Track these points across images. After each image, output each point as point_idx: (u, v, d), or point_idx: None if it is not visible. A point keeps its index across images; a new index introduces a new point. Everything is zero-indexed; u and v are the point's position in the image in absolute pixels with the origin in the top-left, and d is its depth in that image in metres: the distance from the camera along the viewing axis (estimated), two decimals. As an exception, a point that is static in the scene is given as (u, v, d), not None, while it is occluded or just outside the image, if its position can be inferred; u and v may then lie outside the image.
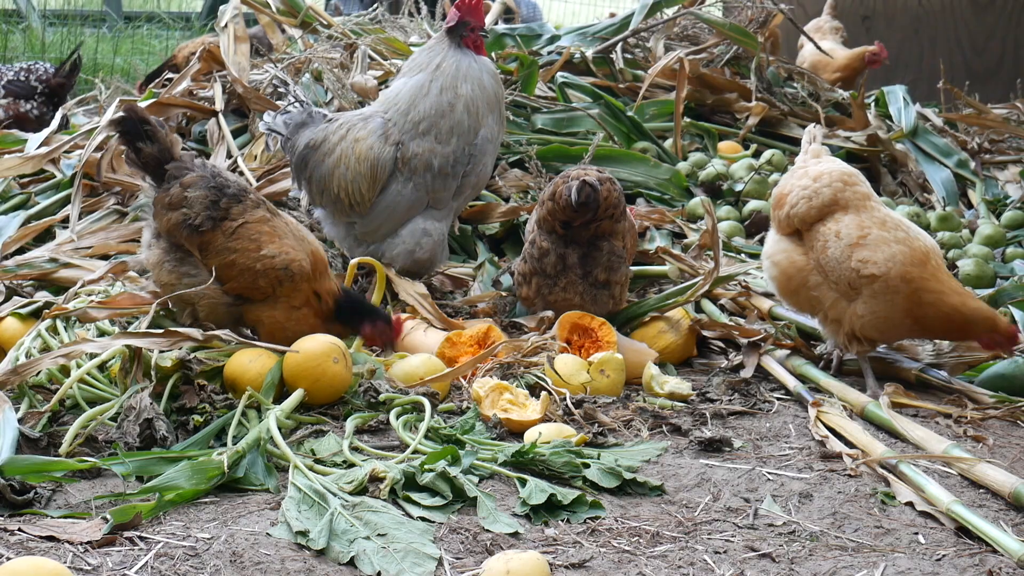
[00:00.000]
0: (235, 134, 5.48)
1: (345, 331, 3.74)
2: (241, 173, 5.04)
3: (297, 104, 4.47)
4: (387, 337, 3.79)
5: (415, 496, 2.98)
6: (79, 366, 3.49)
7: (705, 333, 4.20)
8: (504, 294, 4.49)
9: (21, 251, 4.77)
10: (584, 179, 4.00)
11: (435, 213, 4.35)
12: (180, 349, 3.50)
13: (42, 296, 4.14)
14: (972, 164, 6.53)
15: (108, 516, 2.80)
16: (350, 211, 4.36)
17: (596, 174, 4.06)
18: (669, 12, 6.88)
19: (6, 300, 4.14)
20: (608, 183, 4.06)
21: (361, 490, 3.01)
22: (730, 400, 3.79)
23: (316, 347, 3.52)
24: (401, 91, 4.38)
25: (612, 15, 7.85)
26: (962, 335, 3.81)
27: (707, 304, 4.47)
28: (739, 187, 5.85)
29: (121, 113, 3.72)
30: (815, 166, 3.99)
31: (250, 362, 3.51)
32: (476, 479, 3.10)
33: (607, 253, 4.09)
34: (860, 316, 3.78)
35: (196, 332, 3.52)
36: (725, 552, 2.82)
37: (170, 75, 6.28)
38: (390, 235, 4.35)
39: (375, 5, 7.34)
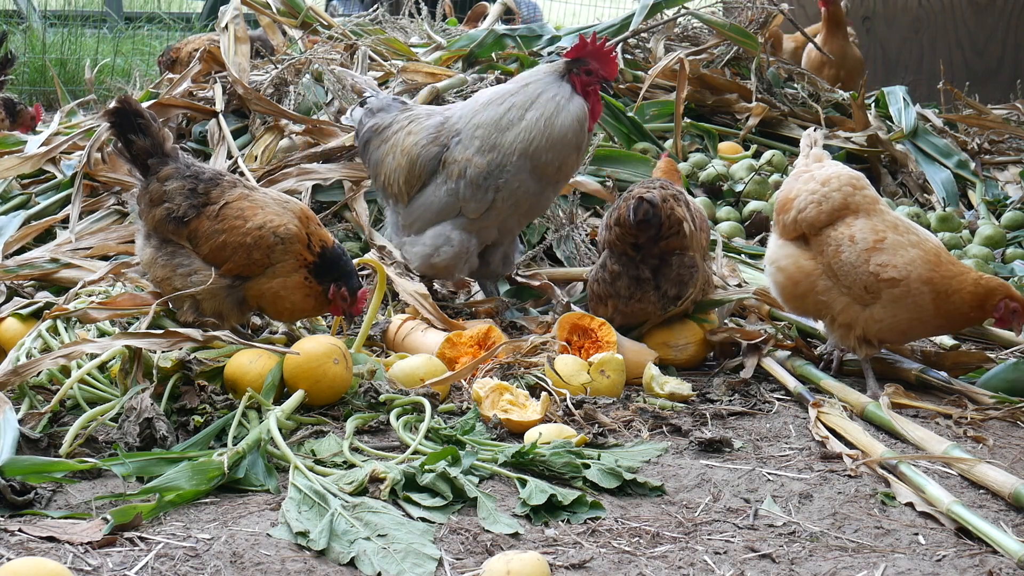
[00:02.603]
0: (235, 135, 5.49)
1: (319, 288, 3.68)
2: (241, 174, 5.05)
3: (375, 94, 4.58)
4: (345, 307, 3.68)
5: (415, 497, 2.99)
6: (79, 367, 3.49)
7: (709, 339, 4.19)
8: (504, 298, 4.48)
9: (21, 251, 4.77)
10: (643, 196, 3.94)
11: (465, 223, 4.26)
12: (180, 350, 3.51)
13: (43, 296, 4.14)
14: (972, 165, 6.53)
15: (108, 517, 2.80)
16: (394, 200, 4.39)
17: (660, 191, 3.99)
18: (669, 13, 6.89)
19: (7, 300, 4.15)
20: (672, 200, 4.00)
21: (361, 491, 3.01)
22: (730, 401, 3.80)
23: (317, 348, 3.52)
24: (485, 95, 4.35)
25: None
26: (981, 311, 3.74)
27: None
28: (739, 188, 5.86)
29: (117, 104, 3.74)
30: (821, 170, 3.96)
31: (250, 363, 3.51)
32: (476, 480, 3.10)
33: (676, 267, 4.05)
34: (878, 320, 3.76)
35: (196, 332, 3.52)
36: (725, 553, 2.82)
37: (171, 75, 6.29)
38: (418, 233, 4.34)
39: (376, 6, 7.35)
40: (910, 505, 3.08)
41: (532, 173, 4.18)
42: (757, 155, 6.23)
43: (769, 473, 3.26)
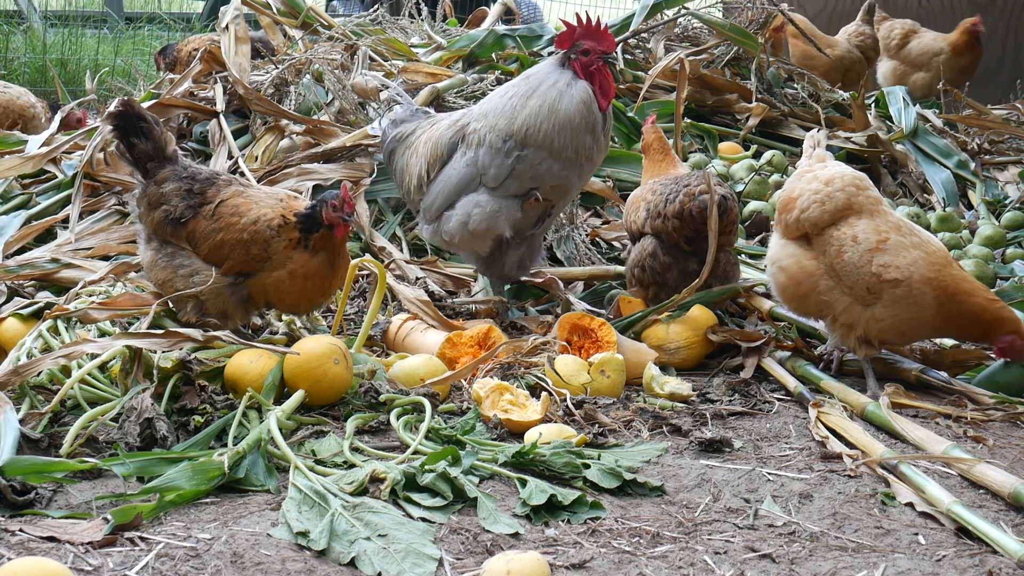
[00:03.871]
0: (236, 135, 5.49)
1: (320, 242, 3.70)
2: (242, 174, 5.05)
3: (400, 103, 4.61)
4: (341, 211, 3.65)
5: (416, 497, 2.99)
6: (80, 367, 3.49)
7: (709, 336, 4.20)
8: (504, 298, 4.48)
9: (22, 251, 4.78)
10: (724, 195, 4.21)
11: (488, 190, 4.25)
12: (181, 350, 3.51)
13: (43, 297, 4.14)
14: (972, 165, 6.54)
15: (109, 517, 2.80)
16: (417, 192, 4.39)
17: (720, 187, 4.22)
18: (669, 13, 6.89)
19: (7, 300, 4.15)
20: (732, 197, 4.27)
21: (362, 491, 3.01)
22: (730, 401, 3.80)
23: (317, 348, 3.53)
24: (497, 90, 4.40)
25: None
26: (984, 335, 3.77)
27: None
28: (739, 188, 5.86)
29: (119, 107, 3.75)
30: (824, 170, 3.96)
31: (251, 363, 3.52)
32: (476, 480, 3.10)
33: (723, 264, 4.30)
34: (879, 320, 3.76)
35: (196, 333, 3.53)
36: (725, 553, 2.82)
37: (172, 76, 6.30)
38: (446, 208, 4.32)
39: (376, 6, 7.35)
40: (910, 505, 3.08)
41: (549, 156, 4.20)
42: (757, 155, 6.24)
43: (769, 473, 3.27)
